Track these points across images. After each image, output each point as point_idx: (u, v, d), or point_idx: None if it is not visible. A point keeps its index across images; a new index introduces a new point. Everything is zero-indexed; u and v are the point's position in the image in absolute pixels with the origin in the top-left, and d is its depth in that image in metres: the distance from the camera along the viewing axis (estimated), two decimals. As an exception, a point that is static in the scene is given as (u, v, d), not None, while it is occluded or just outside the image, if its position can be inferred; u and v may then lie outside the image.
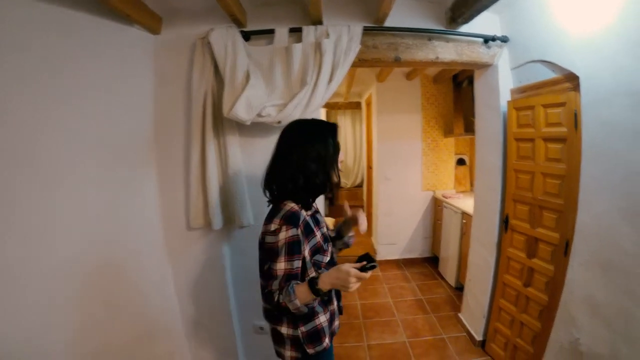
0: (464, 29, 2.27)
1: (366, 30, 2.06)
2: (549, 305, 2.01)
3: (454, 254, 3.61)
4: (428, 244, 4.38)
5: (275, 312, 1.10)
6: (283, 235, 1.08)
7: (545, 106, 2.03)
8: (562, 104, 1.89)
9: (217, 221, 1.94)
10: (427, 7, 2.26)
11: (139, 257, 1.89)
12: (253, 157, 2.04)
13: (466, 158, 4.32)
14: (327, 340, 1.24)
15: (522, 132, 2.23)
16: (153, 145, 1.98)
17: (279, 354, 1.27)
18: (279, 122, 1.84)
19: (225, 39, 1.82)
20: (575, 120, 1.84)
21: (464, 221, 3.40)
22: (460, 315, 3.02)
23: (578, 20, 1.74)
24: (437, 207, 4.26)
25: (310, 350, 1.20)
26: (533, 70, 2.17)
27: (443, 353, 2.61)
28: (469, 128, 3.81)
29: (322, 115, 6.71)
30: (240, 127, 1.95)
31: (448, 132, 4.21)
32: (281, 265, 1.08)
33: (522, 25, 2.18)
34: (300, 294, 1.06)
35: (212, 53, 1.82)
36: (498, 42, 2.33)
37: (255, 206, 2.02)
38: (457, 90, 4.06)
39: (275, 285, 1.08)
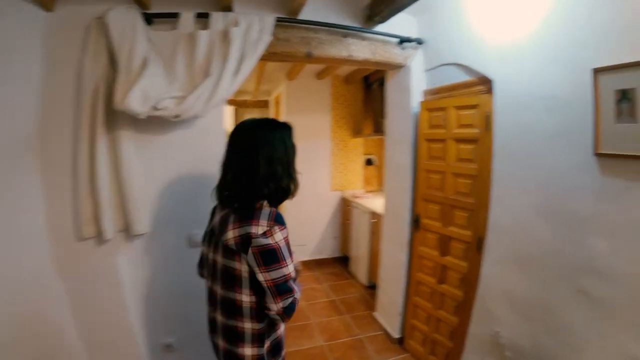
0: (380, 28, 2.23)
1: (279, 22, 1.91)
2: (465, 300, 2.07)
3: (365, 253, 3.64)
4: (338, 244, 4.39)
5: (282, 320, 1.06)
6: (280, 236, 1.01)
7: (458, 108, 2.08)
8: (474, 106, 1.96)
9: (109, 229, 1.69)
10: (344, 2, 2.16)
11: (22, 276, 1.64)
12: (150, 156, 1.81)
13: (375, 158, 4.43)
14: (285, 347, 1.19)
15: (433, 133, 2.28)
16: (37, 144, 1.66)
17: None
18: (177, 116, 1.65)
19: (124, 21, 1.59)
20: (487, 122, 1.90)
21: (374, 220, 3.44)
22: (375, 314, 3.03)
23: (494, 29, 1.82)
24: (346, 207, 4.28)
25: None
26: (446, 73, 2.23)
27: (362, 353, 2.57)
28: (378, 129, 3.89)
29: (229, 113, 6.31)
30: (136, 123, 1.70)
31: (357, 132, 4.26)
32: (291, 267, 1.03)
33: (438, 29, 2.23)
34: None
35: (108, 36, 1.58)
36: (413, 43, 2.35)
37: (152, 211, 1.84)
38: (368, 92, 4.11)
39: (298, 296, 1.07)
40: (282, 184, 1.08)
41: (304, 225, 4.20)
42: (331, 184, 4.24)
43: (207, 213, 1.32)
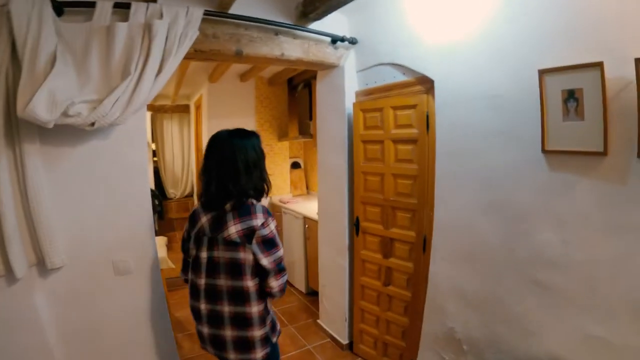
0: (315, 26, 2.12)
1: (207, 16, 1.71)
2: (414, 300, 2.07)
3: (300, 259, 3.52)
4: None
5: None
6: (272, 225, 1.23)
7: (395, 108, 2.08)
8: (413, 106, 1.97)
9: (20, 265, 1.40)
10: (277, -3, 1.96)
11: None
12: (62, 172, 1.55)
13: (301, 161, 4.32)
14: (278, 325, 1.40)
15: (369, 134, 2.24)
16: None
17: None
18: (93, 124, 1.40)
19: (30, 10, 1.33)
20: (427, 122, 1.91)
21: (307, 226, 3.33)
22: (319, 321, 2.92)
23: (434, 28, 1.82)
24: (275, 213, 4.09)
25: (274, 339, 1.32)
26: (381, 74, 2.20)
27: (314, 365, 2.38)
28: (304, 131, 3.79)
29: (146, 119, 5.69)
30: (42, 132, 1.43)
31: (282, 135, 4.13)
32: (282, 250, 1.26)
33: (373, 28, 2.19)
34: None
35: (11, 27, 1.31)
36: (346, 43, 2.29)
37: (70, 238, 1.56)
38: (292, 93, 4.02)
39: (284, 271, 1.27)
40: (258, 185, 1.28)
41: None
42: (291, 191, 4.11)
43: (136, 233, 1.47)
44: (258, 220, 1.18)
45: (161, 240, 3.17)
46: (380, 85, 2.20)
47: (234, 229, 1.18)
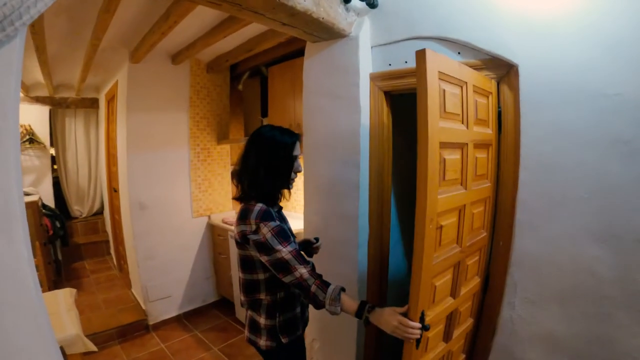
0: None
1: None
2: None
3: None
4: (212, 286, 3.51)
5: (306, 299, 1.23)
6: (266, 230, 1.19)
7: (476, 91, 1.52)
8: (488, 94, 1.51)
9: None
10: None
11: None
12: None
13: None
14: (300, 329, 1.42)
15: (447, 132, 1.63)
16: None
17: (252, 342, 1.39)
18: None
19: None
20: (499, 121, 1.39)
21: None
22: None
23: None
24: (216, 236, 3.32)
25: (284, 340, 1.33)
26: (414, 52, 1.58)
27: None
28: (251, 132, 2.91)
29: (45, 114, 4.38)
30: None
31: (223, 137, 3.38)
32: (284, 252, 1.18)
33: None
34: (345, 305, 1.18)
35: None
36: (363, 4, 1.58)
37: None
38: (235, 84, 3.39)
39: (304, 274, 1.19)
40: (266, 188, 1.29)
41: (163, 269, 3.15)
42: (193, 208, 3.28)
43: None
44: (249, 227, 1.22)
45: (66, 297, 2.01)
46: (414, 67, 1.58)
47: (235, 230, 1.27)
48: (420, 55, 1.06)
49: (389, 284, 2.06)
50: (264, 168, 1.27)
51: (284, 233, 1.21)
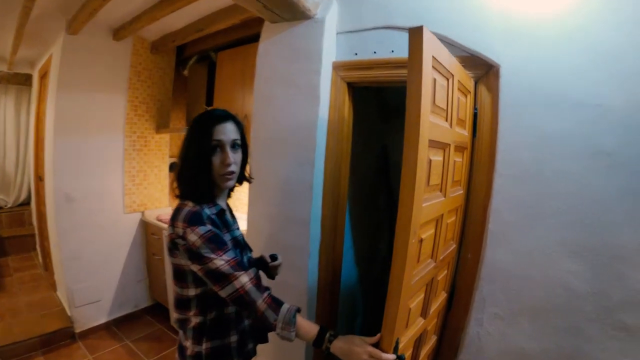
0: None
1: None
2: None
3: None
4: (145, 289, 3.17)
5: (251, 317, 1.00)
6: (194, 237, 0.97)
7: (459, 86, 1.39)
8: (467, 93, 1.38)
9: None
10: None
11: None
12: None
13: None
14: None
15: (434, 129, 1.49)
16: None
17: None
18: None
19: None
20: (474, 123, 1.29)
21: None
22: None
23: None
24: (150, 235, 3.00)
25: None
26: (387, 41, 1.55)
27: None
28: (194, 121, 2.62)
29: None
30: None
31: (162, 125, 3.05)
32: (219, 261, 0.96)
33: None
34: (301, 331, 0.98)
35: None
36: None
37: None
38: (181, 69, 3.11)
39: (246, 284, 0.96)
40: (189, 185, 1.07)
41: (90, 271, 2.80)
42: (125, 203, 2.92)
43: None
44: (178, 230, 0.99)
45: None
46: (386, 59, 1.44)
47: (166, 233, 1.12)
48: (416, 34, 0.87)
49: (340, 293, 1.91)
50: (184, 158, 1.07)
51: (217, 240, 0.98)
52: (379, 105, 2.58)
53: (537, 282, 1.33)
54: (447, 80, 1.13)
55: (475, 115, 1.40)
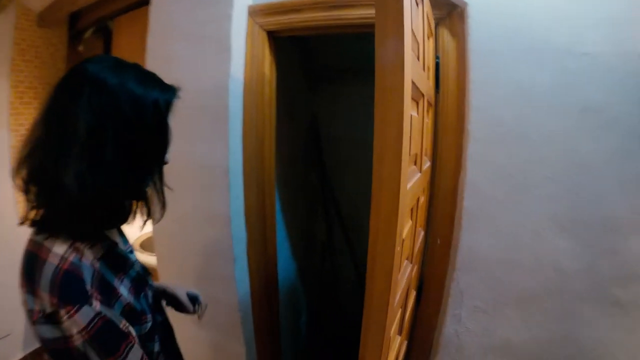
0: None
1: None
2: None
3: None
4: None
5: None
6: (71, 327, 0.53)
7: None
8: (429, 35, 1.05)
9: None
10: None
11: None
12: None
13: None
14: None
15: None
16: None
17: None
18: None
19: None
20: (437, 75, 1.03)
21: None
22: None
23: None
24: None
25: None
26: None
27: None
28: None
29: None
30: None
31: None
32: None
33: None
34: None
35: None
36: None
37: None
38: (75, 44, 2.54)
39: None
40: (99, 200, 0.58)
41: None
42: (19, 213, 2.26)
43: None
44: (38, 305, 0.54)
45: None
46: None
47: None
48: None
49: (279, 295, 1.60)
50: (113, 152, 0.58)
51: (110, 336, 0.58)
52: (306, 67, 2.23)
53: (525, 267, 1.12)
54: (417, 5, 0.79)
55: (437, 65, 1.11)
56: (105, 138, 0.56)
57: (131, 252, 0.75)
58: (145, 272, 0.78)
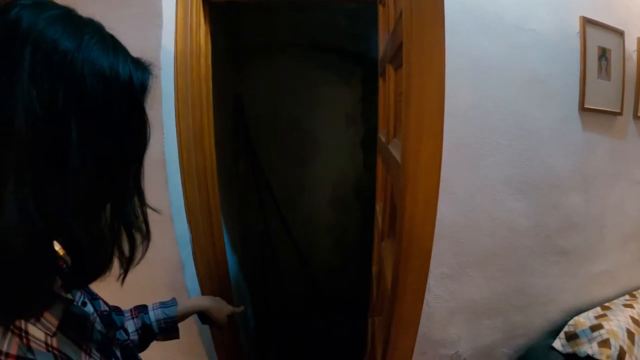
0: None
1: None
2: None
3: None
4: None
5: None
6: None
7: None
8: None
9: None
10: None
11: None
12: None
13: None
14: None
15: None
16: None
17: None
18: None
19: None
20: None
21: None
22: None
23: None
24: None
25: None
26: None
27: None
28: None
29: None
30: None
31: None
32: None
33: None
34: None
35: None
36: None
37: None
38: None
39: None
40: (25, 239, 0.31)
41: None
42: None
43: None
44: None
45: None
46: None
47: None
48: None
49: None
50: (76, 154, 0.34)
51: None
52: (229, 43, 2.05)
53: (483, 229, 1.20)
54: None
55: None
56: (62, 133, 0.33)
57: (84, 304, 0.50)
58: (109, 325, 0.54)
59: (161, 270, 1.16)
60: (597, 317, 1.29)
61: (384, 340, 0.62)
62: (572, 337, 1.26)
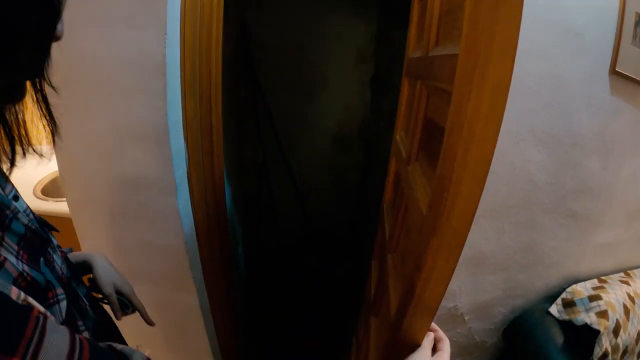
0: None
1: None
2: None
3: None
4: None
5: None
6: None
7: None
8: None
9: None
10: None
11: None
12: None
13: None
14: None
15: None
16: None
17: None
18: None
19: None
20: None
21: None
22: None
23: None
24: None
25: None
26: None
27: None
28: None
29: None
30: None
31: None
32: None
33: None
34: None
35: None
36: None
37: None
38: None
39: None
40: None
41: None
42: None
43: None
44: None
45: None
46: None
47: None
48: None
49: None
50: None
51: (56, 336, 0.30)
52: None
53: (503, 178, 1.19)
54: None
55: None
56: None
57: (15, 198, 0.46)
58: (44, 229, 0.51)
59: (153, 191, 1.05)
60: (594, 289, 1.30)
61: (417, 266, 0.52)
62: (568, 304, 1.27)
